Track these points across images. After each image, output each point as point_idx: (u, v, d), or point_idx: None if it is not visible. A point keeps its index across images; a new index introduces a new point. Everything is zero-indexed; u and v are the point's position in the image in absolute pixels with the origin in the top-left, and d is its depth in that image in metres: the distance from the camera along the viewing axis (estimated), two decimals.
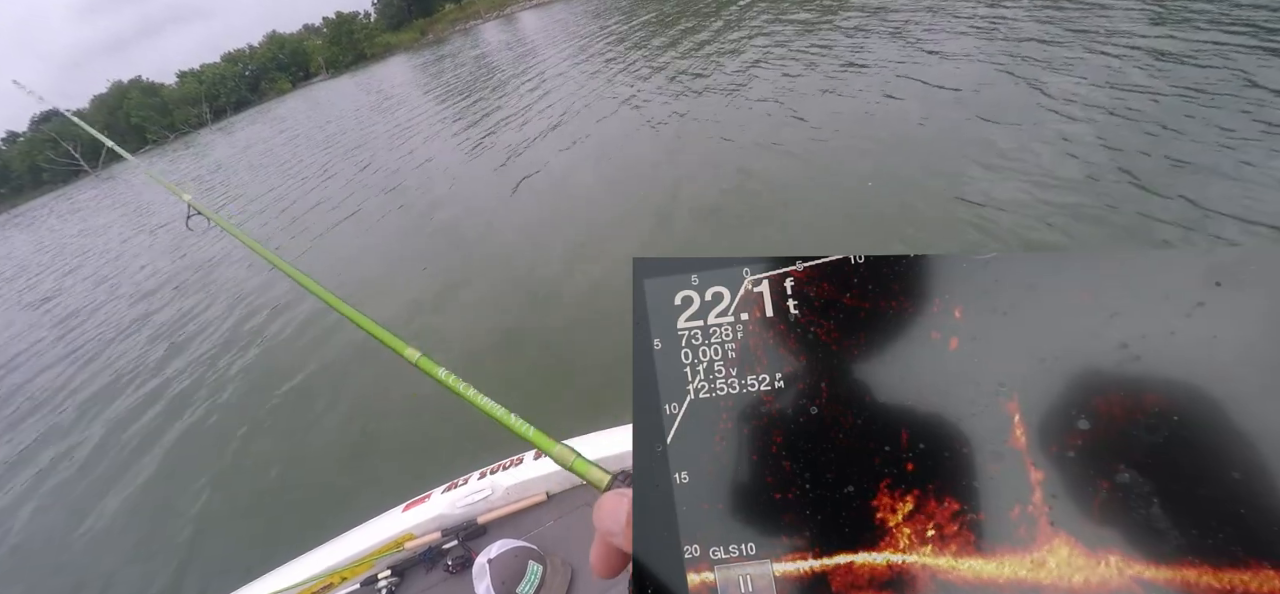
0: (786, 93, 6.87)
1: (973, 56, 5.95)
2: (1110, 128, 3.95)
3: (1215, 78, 4.01)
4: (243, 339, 6.07)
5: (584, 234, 5.47)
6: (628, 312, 0.28)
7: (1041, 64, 5.21)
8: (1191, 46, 4.53)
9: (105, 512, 4.25)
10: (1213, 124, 3.59)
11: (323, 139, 18.05)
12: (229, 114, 63.72)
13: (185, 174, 23.79)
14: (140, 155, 52.43)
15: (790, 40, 8.99)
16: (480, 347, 4.36)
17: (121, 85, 67.20)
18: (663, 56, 11.45)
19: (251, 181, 15.77)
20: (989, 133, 4.45)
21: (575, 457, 0.60)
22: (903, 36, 7.26)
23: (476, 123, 11.61)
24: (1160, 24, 5.09)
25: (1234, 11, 4.76)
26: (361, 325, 0.94)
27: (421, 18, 68.93)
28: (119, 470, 4.70)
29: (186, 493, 4.06)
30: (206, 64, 70.94)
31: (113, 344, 7.58)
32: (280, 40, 72.81)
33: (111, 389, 6.25)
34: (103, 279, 11.46)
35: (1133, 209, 3.24)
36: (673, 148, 6.66)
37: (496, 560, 1.62)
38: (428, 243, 6.79)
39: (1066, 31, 5.69)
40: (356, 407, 4.22)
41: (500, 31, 35.75)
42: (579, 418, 2.81)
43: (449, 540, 1.88)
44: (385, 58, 55.92)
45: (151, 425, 5.16)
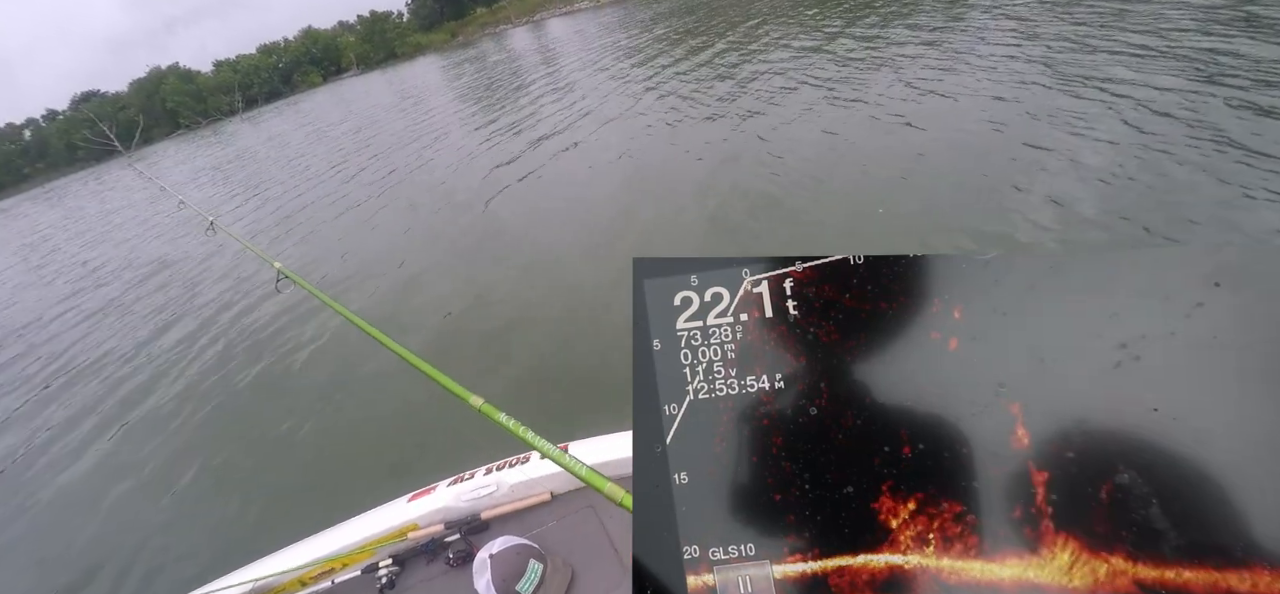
0: (792, 115, 6.87)
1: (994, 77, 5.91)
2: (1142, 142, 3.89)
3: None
4: (262, 324, 6.17)
5: (594, 235, 5.50)
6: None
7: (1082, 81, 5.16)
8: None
9: (114, 493, 4.32)
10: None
11: (347, 131, 18.40)
12: (260, 104, 65.20)
13: (208, 162, 24.38)
14: (172, 139, 53.86)
15: (799, 59, 9.01)
16: (490, 344, 4.39)
17: (159, 71, 69.19)
18: (682, 66, 11.58)
19: (270, 172, 16.11)
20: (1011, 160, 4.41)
21: (625, 493, 0.60)
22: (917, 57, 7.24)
23: (499, 123, 11.77)
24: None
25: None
26: (429, 374, 0.99)
27: (453, 20, 70.16)
28: (133, 449, 4.78)
29: (188, 473, 4.13)
30: (242, 55, 72.89)
31: (137, 329, 7.74)
32: (315, 35, 74.50)
33: (131, 371, 6.38)
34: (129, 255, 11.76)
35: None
36: (693, 150, 6.70)
37: (498, 556, 1.61)
38: (450, 244, 6.87)
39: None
40: (369, 396, 4.26)
41: (528, 37, 36.26)
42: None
43: (451, 533, 1.88)
44: (415, 57, 56.96)
45: (159, 407, 5.26)
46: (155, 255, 10.94)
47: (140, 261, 10.89)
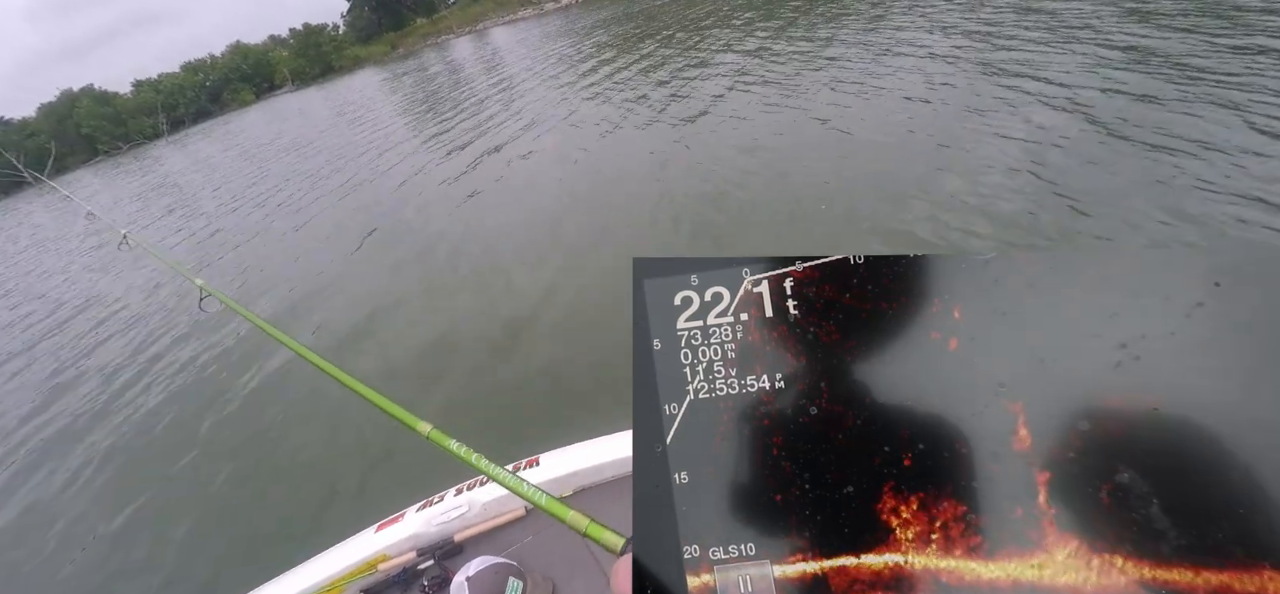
0: (739, 110, 7.04)
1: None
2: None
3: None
4: (197, 359, 5.83)
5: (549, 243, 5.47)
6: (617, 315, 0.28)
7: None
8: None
9: (49, 546, 3.99)
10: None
11: (282, 150, 17.63)
12: (187, 125, 61.59)
13: (129, 191, 22.90)
14: (88, 167, 50.23)
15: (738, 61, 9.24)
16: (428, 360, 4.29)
17: (72, 93, 64.35)
18: (623, 74, 11.67)
19: (197, 199, 15.28)
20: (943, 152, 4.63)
21: (589, 521, 0.60)
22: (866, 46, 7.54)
23: (444, 135, 11.53)
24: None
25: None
26: (372, 400, 0.94)
27: (392, 31, 68.17)
28: (71, 496, 4.43)
29: (141, 521, 3.85)
30: (165, 73, 68.64)
31: (61, 372, 7.18)
32: (244, 51, 70.89)
33: (55, 410, 5.91)
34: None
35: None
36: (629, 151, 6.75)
37: (475, 578, 1.58)
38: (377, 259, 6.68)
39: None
40: (325, 424, 4.09)
41: (471, 46, 35.63)
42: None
43: (424, 560, 1.83)
44: (354, 71, 55.04)
45: (99, 448, 4.89)
46: (62, 284, 10.20)
47: (43, 293, 10.14)
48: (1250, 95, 3.91)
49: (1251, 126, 3.61)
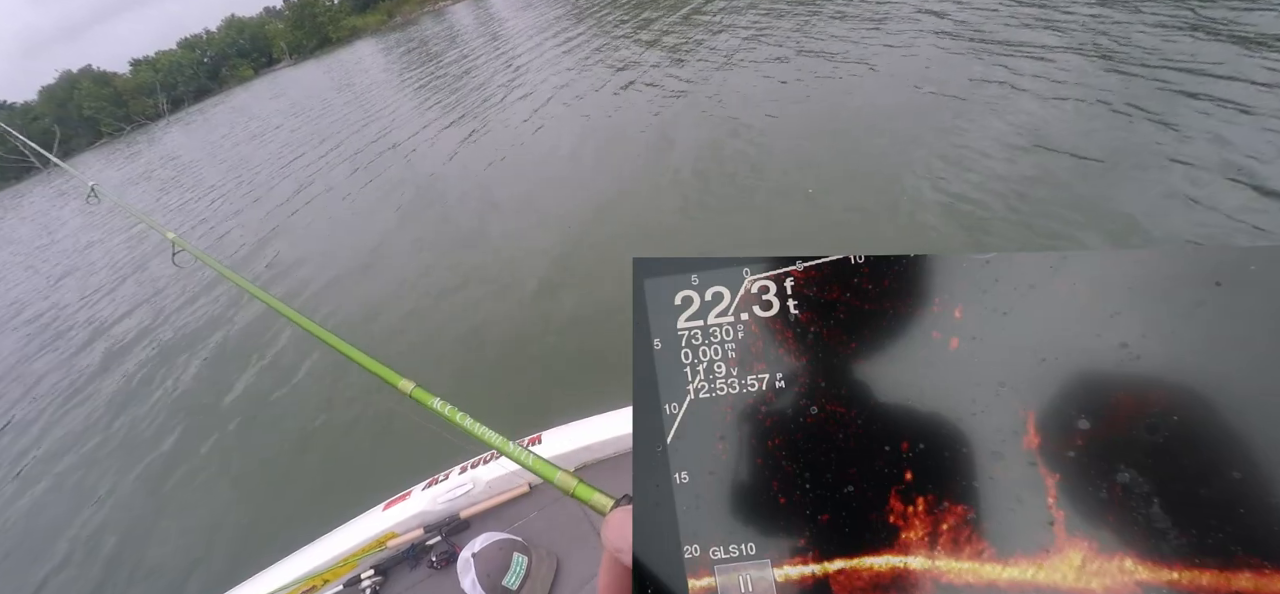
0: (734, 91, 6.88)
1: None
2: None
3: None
4: (201, 337, 5.92)
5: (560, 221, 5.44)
6: (617, 304, 0.27)
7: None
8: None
9: (66, 527, 4.14)
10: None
11: (289, 129, 17.52)
12: (188, 104, 61.34)
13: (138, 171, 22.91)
14: (95, 150, 50.36)
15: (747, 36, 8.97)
16: (447, 339, 4.33)
17: (71, 75, 64.12)
18: (630, 34, 11.39)
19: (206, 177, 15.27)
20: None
21: (577, 483, 0.59)
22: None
23: (447, 107, 11.39)
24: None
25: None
26: (352, 357, 0.91)
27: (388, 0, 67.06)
28: (76, 485, 4.57)
29: (154, 502, 3.98)
30: (162, 51, 68.07)
31: (81, 351, 7.33)
32: (239, 24, 70.08)
33: (66, 394, 6.06)
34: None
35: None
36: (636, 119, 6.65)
37: (481, 554, 1.62)
38: (394, 233, 6.68)
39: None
40: (332, 405, 4.16)
41: (470, 13, 34.93)
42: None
43: (432, 536, 1.87)
44: (352, 41, 54.30)
45: (109, 435, 5.02)
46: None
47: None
48: (1258, 90, 3.73)
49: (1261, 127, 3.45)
